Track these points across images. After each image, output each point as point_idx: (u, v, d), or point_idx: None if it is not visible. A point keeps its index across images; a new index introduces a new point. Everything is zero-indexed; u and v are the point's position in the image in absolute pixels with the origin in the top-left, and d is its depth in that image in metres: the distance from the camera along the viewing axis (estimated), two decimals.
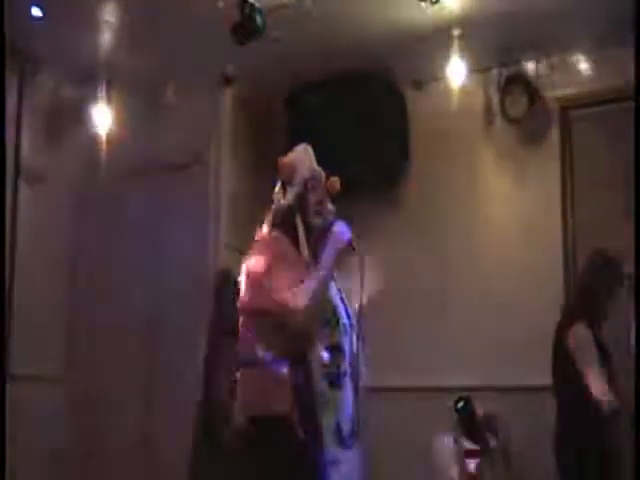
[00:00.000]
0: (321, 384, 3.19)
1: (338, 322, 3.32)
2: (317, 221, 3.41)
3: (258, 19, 5.15)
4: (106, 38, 5.68)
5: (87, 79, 6.09)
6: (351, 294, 3.41)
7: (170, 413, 5.88)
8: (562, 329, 4.51)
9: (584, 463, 4.31)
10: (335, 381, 3.24)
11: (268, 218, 3.47)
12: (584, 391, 4.27)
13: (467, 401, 5.50)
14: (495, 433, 5.42)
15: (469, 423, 5.44)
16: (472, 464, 5.33)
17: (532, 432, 5.42)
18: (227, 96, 6.26)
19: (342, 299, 3.44)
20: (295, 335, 3.16)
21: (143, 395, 6.13)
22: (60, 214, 6.33)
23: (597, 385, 4.24)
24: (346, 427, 3.23)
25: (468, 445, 5.40)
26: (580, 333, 4.39)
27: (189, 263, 6.05)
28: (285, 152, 3.58)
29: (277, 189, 3.48)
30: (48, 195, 6.16)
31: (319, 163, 3.54)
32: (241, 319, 3.37)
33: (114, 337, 6.24)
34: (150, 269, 6.19)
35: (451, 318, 5.92)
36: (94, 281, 6.44)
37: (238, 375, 3.35)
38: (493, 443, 5.41)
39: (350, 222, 3.43)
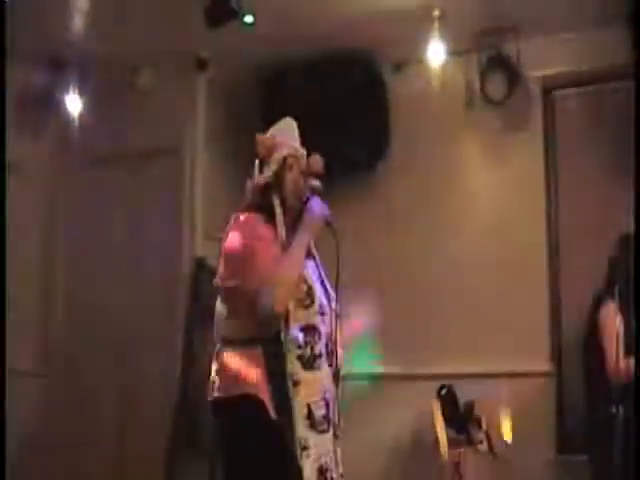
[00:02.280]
0: (293, 365, 3.12)
1: (313, 302, 3.25)
2: (294, 200, 3.35)
3: (232, 1, 5.05)
4: (76, 22, 5.56)
5: (57, 65, 5.97)
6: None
7: (146, 402, 5.81)
8: (594, 307, 4.59)
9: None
10: (308, 363, 3.17)
11: (245, 197, 3.40)
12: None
13: (450, 389, 5.44)
14: (478, 421, 5.36)
15: (452, 411, 5.38)
16: (455, 452, 5.27)
17: (516, 419, 5.38)
18: (201, 80, 6.14)
19: (322, 279, 3.38)
20: (267, 315, 3.09)
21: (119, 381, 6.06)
22: (33, 205, 6.21)
23: (612, 359, 4.32)
24: (319, 411, 3.16)
25: (451, 433, 5.33)
26: (607, 311, 4.46)
27: (164, 251, 5.97)
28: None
29: (255, 167, 3.40)
30: (20, 185, 6.02)
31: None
32: (217, 300, 3.31)
33: (89, 324, 6.16)
34: (125, 257, 6.11)
35: (433, 305, 5.83)
36: (69, 271, 6.35)
37: (214, 355, 3.29)
38: (476, 431, 5.35)
39: (327, 201, 3.36)
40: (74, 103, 6.04)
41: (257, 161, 3.40)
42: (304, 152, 3.45)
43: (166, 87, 6.04)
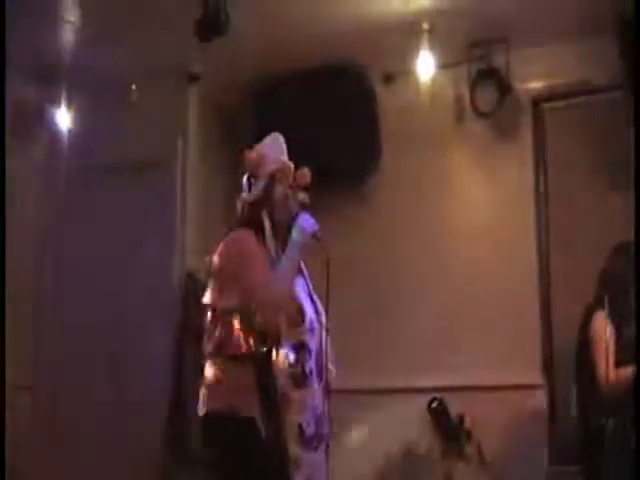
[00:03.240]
0: (285, 384, 3.14)
1: (304, 320, 3.26)
2: (283, 215, 3.36)
3: (222, 15, 5.07)
4: (69, 36, 5.56)
5: (50, 78, 5.97)
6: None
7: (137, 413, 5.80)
8: (585, 319, 4.61)
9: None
10: (299, 381, 3.19)
11: (235, 214, 3.42)
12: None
13: (441, 402, 5.44)
14: (469, 433, 5.37)
15: (443, 424, 5.38)
16: (446, 465, 5.28)
17: (506, 432, 5.39)
18: (193, 94, 6.15)
19: (311, 295, 3.39)
20: (259, 333, 3.10)
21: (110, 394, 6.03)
22: (24, 217, 6.20)
23: (602, 371, 4.36)
24: (310, 428, 3.18)
25: (442, 445, 5.34)
26: (598, 323, 4.48)
27: (155, 266, 5.95)
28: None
29: (244, 183, 3.42)
30: (12, 197, 6.01)
31: (289, 158, 3.50)
32: (207, 317, 3.31)
33: (80, 339, 6.14)
34: (115, 271, 6.09)
35: (424, 318, 5.81)
36: (60, 283, 6.33)
37: (204, 373, 3.31)
38: (467, 443, 5.36)
39: (317, 215, 3.38)
40: (65, 117, 6.04)
41: (245, 177, 3.42)
42: (292, 165, 3.47)
43: (158, 101, 6.03)
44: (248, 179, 3.43)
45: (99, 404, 5.98)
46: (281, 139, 3.53)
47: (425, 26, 5.51)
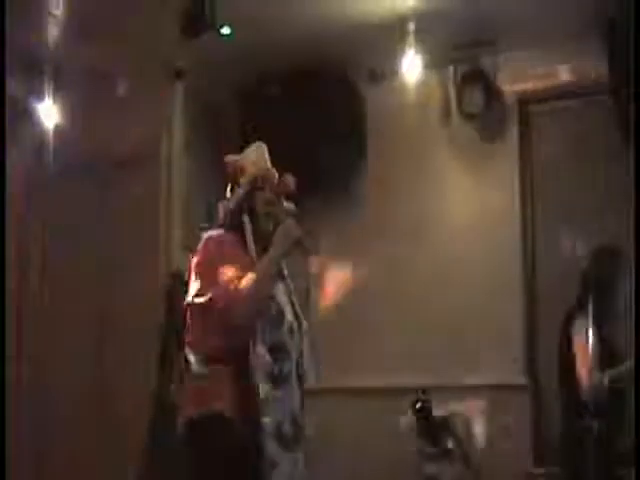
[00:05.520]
0: (262, 383, 3.12)
1: (283, 321, 3.24)
2: (267, 222, 3.33)
3: (208, 12, 5.06)
4: (54, 30, 5.53)
5: (35, 73, 5.93)
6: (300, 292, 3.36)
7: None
8: (567, 321, 4.60)
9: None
10: (277, 381, 3.17)
11: (217, 216, 3.41)
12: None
13: (425, 402, 5.43)
14: (453, 434, 5.37)
15: (427, 424, 5.38)
16: (430, 466, 5.27)
17: (490, 433, 5.41)
18: (178, 90, 6.13)
19: (291, 298, 3.37)
20: (236, 330, 3.09)
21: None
22: (7, 211, 6.16)
23: (584, 375, 4.37)
24: (288, 429, 3.16)
25: (426, 446, 5.34)
26: (578, 327, 4.49)
27: (140, 263, 5.93)
28: (239, 147, 3.50)
29: (228, 189, 3.42)
30: None
31: (273, 158, 3.47)
32: (188, 315, 3.30)
33: (65, 338, 6.08)
34: (99, 269, 6.06)
35: (409, 319, 5.82)
36: (43, 279, 6.29)
37: (184, 373, 3.31)
38: (451, 444, 5.36)
39: (301, 219, 3.36)
40: (50, 112, 6.00)
41: (229, 184, 3.41)
42: (275, 173, 3.45)
43: (143, 97, 6.01)
44: (232, 185, 3.42)
45: (82, 402, 5.98)
46: (264, 147, 3.50)
47: (412, 27, 5.49)
